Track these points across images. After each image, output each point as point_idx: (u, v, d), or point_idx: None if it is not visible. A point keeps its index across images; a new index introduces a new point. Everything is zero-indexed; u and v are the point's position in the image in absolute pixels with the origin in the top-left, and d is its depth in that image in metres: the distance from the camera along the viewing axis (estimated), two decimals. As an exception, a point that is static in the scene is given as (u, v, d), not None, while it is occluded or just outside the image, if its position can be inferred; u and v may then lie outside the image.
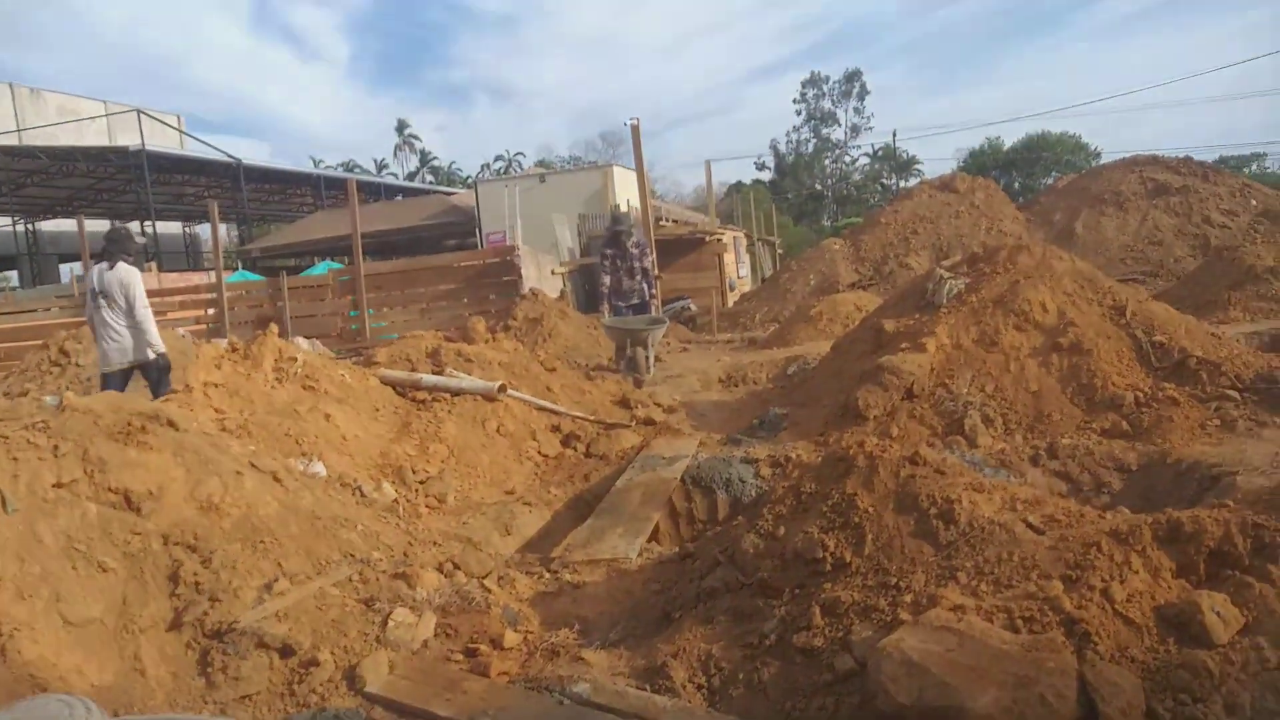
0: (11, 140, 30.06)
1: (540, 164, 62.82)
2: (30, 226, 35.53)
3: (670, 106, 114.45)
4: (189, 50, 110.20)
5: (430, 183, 61.76)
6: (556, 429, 6.82)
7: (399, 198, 39.43)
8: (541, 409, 6.95)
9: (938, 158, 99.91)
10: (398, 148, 73.16)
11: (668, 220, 25.79)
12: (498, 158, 71.28)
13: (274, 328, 7.03)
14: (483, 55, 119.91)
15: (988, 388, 6.49)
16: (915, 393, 6.59)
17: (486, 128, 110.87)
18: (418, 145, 73.67)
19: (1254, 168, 51.52)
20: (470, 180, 60.90)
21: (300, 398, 6.24)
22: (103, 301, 7.32)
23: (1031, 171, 54.56)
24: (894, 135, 64.12)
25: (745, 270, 29.18)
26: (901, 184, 60.14)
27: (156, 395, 6.76)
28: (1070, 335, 6.63)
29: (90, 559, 3.50)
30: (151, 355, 7.41)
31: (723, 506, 5.54)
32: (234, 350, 6.54)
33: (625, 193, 23.41)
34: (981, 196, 20.21)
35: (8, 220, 34.09)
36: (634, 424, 7.02)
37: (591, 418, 7.05)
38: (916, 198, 21.11)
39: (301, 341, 12.42)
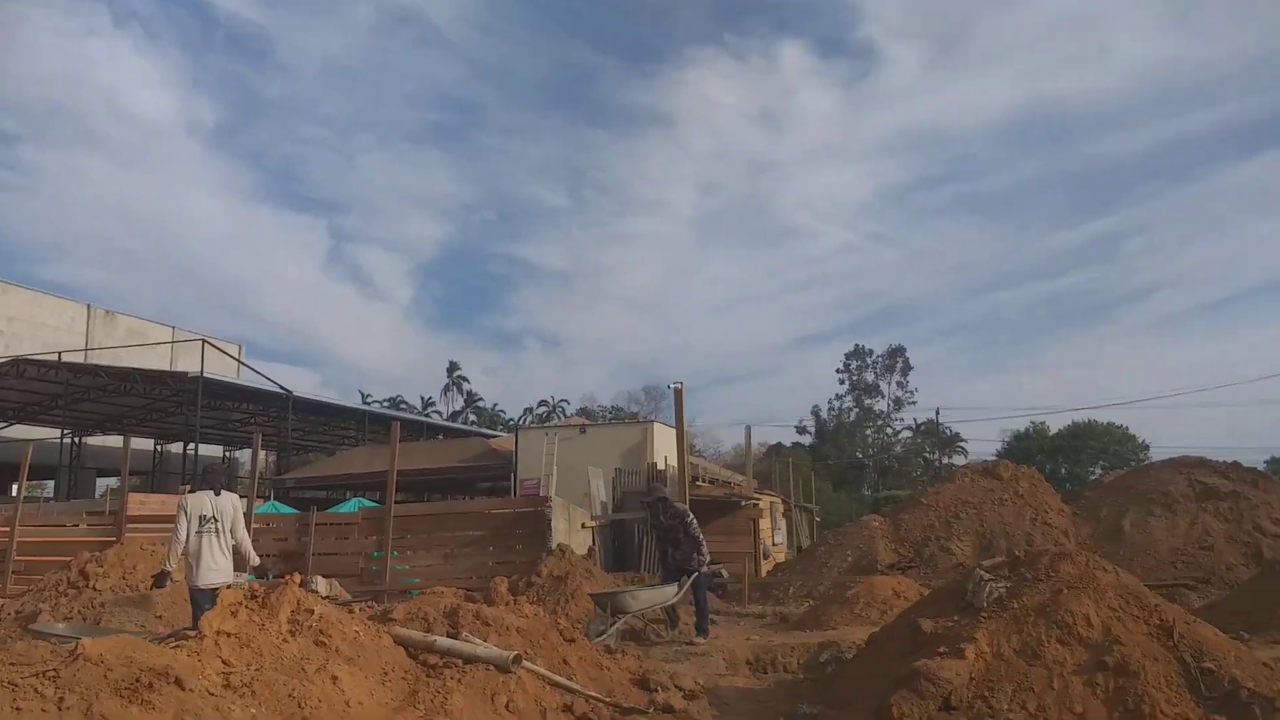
0: (78, 358, 31.53)
1: (582, 412, 64.19)
2: (76, 440, 36.45)
3: (716, 364, 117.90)
4: (260, 281, 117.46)
5: (473, 423, 63.17)
6: (569, 709, 6.45)
7: (440, 437, 40.16)
8: (555, 684, 6.62)
9: (982, 438, 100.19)
10: (446, 388, 75.58)
11: (705, 480, 25.78)
12: (541, 403, 73.20)
13: (297, 576, 6.92)
14: (539, 306, 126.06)
15: (1030, 705, 6.07)
16: (953, 704, 6.18)
17: (535, 373, 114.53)
18: (465, 386, 76.10)
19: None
20: (513, 423, 62.23)
21: (310, 654, 6.02)
22: (212, 525, 8.16)
23: (1078, 459, 54.25)
24: (937, 413, 64.83)
25: (781, 537, 28.69)
26: (945, 460, 60.09)
27: None
28: (1116, 654, 6.26)
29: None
30: (243, 577, 8.34)
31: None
32: (253, 597, 6.43)
33: (664, 450, 23.59)
34: (1026, 486, 19.99)
35: (56, 432, 35.09)
36: (651, 709, 6.63)
37: (607, 699, 6.69)
38: (959, 482, 20.92)
39: (320, 581, 12.27)
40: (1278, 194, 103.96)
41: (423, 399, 74.35)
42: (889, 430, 70.75)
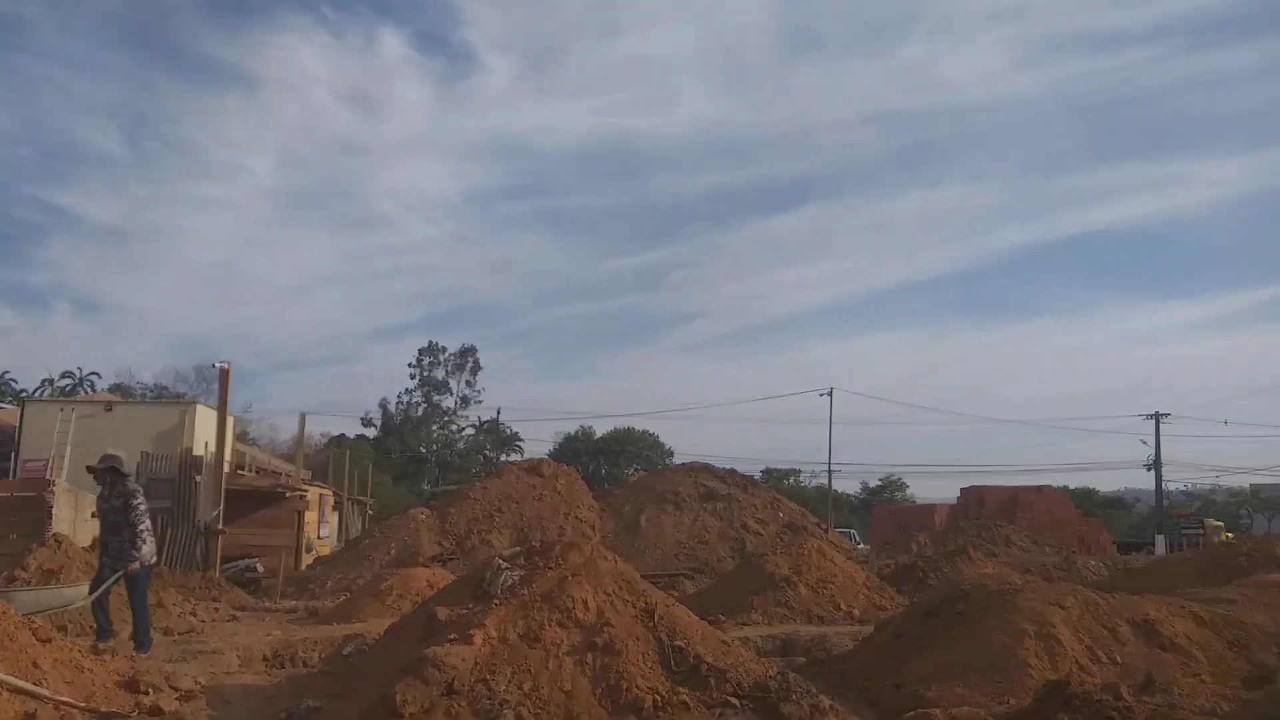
0: None
1: (116, 389, 56.91)
2: None
3: (283, 348, 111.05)
4: None
5: (-30, 392, 53.23)
6: (32, 716, 5.71)
7: (-80, 405, 33.37)
8: (17, 691, 5.83)
9: (538, 438, 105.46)
10: (-62, 347, 62.84)
11: (252, 469, 24.24)
12: (65, 374, 63.56)
13: None
14: (77, 263, 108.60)
15: (525, 685, 6.56)
16: (456, 688, 6.47)
17: (62, 340, 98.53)
18: (-36, 347, 63.87)
19: (791, 481, 60.69)
20: (25, 395, 53.40)
21: None
22: None
23: (617, 461, 59.47)
24: (498, 412, 67.26)
25: (327, 530, 27.84)
26: (503, 457, 62.52)
27: None
28: (606, 635, 7.00)
29: None
30: None
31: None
32: None
33: (206, 434, 21.75)
34: (564, 483, 21.51)
35: None
36: (136, 713, 6.11)
37: (83, 705, 6.03)
38: (505, 477, 21.95)
39: None
40: (793, 250, 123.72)
41: (-100, 359, 61.05)
42: (454, 427, 71.96)
